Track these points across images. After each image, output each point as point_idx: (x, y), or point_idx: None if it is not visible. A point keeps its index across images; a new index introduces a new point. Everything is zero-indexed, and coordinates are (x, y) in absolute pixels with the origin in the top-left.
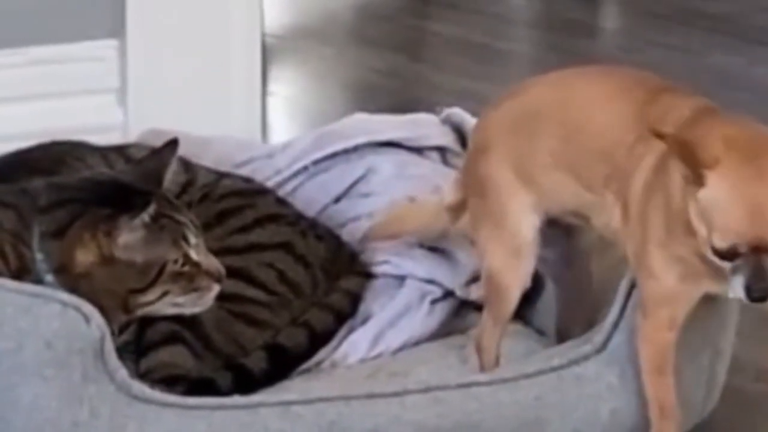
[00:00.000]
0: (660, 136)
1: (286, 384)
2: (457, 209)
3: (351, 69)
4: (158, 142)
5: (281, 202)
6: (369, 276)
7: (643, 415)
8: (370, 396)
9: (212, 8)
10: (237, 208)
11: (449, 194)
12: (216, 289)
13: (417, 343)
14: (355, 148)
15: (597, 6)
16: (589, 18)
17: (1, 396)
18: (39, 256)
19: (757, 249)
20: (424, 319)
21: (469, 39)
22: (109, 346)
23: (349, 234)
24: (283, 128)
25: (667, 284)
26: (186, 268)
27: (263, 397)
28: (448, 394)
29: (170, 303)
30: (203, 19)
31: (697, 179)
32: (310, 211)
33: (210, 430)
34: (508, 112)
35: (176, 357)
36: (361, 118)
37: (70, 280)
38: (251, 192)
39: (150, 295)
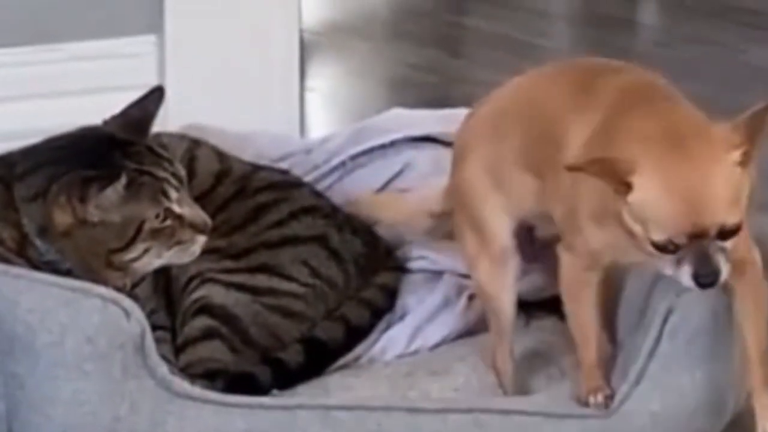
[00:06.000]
0: (575, 169)
1: (325, 380)
2: (441, 218)
3: (388, 64)
4: (197, 137)
5: (317, 194)
6: (404, 271)
7: None
8: (412, 410)
9: (250, 4)
10: (273, 202)
11: (436, 203)
12: (200, 240)
13: (455, 338)
14: (392, 143)
15: (635, 2)
16: (628, 13)
17: (41, 390)
18: (24, 220)
19: (695, 236)
20: (462, 315)
21: (507, 34)
22: (150, 342)
23: (386, 229)
24: (321, 124)
25: (594, 247)
26: (168, 223)
27: (303, 399)
28: (490, 417)
29: (155, 257)
30: (241, 15)
31: (623, 188)
32: (345, 204)
33: (248, 428)
34: (482, 118)
35: (215, 352)
36: (398, 113)
37: (54, 240)
38: (287, 185)
39: (132, 253)
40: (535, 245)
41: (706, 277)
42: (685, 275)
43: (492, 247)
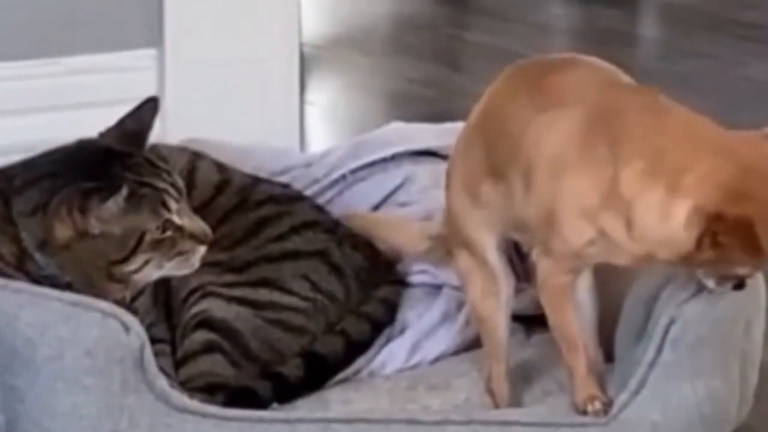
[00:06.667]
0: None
1: (324, 394)
2: (439, 240)
3: (388, 78)
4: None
5: (318, 208)
6: (405, 285)
7: None
8: (412, 422)
9: (251, 17)
10: (275, 215)
11: (434, 226)
12: (201, 250)
13: (454, 353)
14: (393, 157)
15: (636, 15)
16: (628, 27)
17: (40, 404)
18: (23, 234)
19: None
20: (461, 329)
21: (507, 48)
22: (149, 355)
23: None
24: (321, 137)
25: (575, 247)
26: (168, 234)
27: (303, 413)
28: (489, 429)
29: (156, 268)
30: (241, 28)
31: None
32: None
33: None
34: (459, 138)
35: (215, 366)
36: (399, 126)
37: (54, 254)
38: (288, 198)
39: (132, 265)
40: (527, 263)
41: (741, 286)
42: (728, 285)
43: (483, 267)
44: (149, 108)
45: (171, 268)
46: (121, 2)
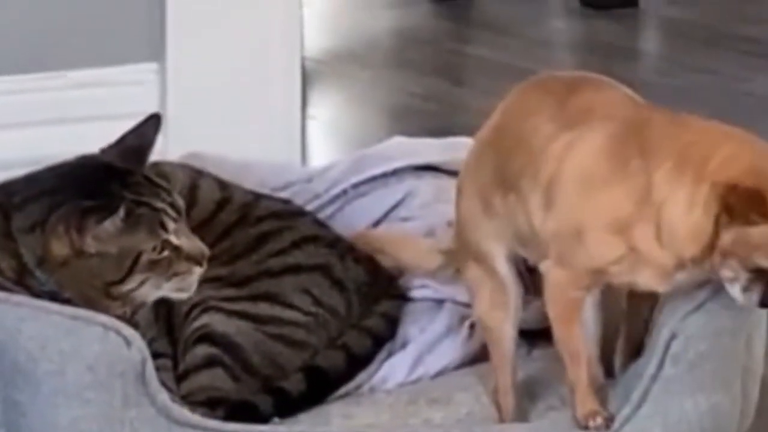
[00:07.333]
0: (731, 188)
1: (326, 409)
2: (450, 255)
3: (390, 93)
4: (198, 166)
5: (320, 224)
6: (406, 299)
7: None
8: None
9: (252, 32)
10: (275, 231)
11: (444, 241)
12: (198, 271)
13: (457, 367)
14: (394, 172)
15: (637, 30)
16: (630, 42)
17: (42, 418)
18: (23, 250)
19: None
20: (463, 344)
21: (509, 63)
22: (150, 370)
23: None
24: (322, 152)
25: (601, 264)
26: (165, 254)
27: (304, 427)
28: None
29: (154, 288)
30: (243, 42)
31: (750, 221)
32: (350, 235)
33: None
34: (472, 151)
35: (216, 380)
36: (400, 141)
37: (52, 271)
38: (289, 213)
39: (129, 285)
40: (534, 275)
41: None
42: (748, 294)
43: (492, 278)
44: (152, 124)
45: (169, 289)
46: (123, 16)
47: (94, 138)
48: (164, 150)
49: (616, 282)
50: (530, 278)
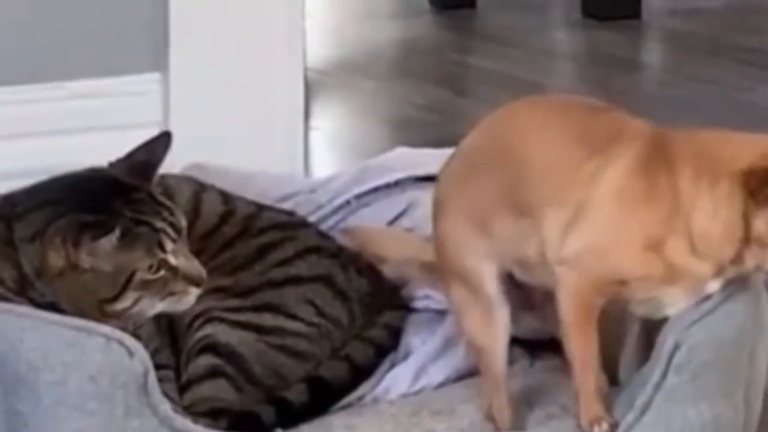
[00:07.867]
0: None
1: (328, 419)
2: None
3: (393, 103)
4: (201, 177)
5: (323, 234)
6: (409, 310)
7: None
8: None
9: (255, 42)
10: (278, 241)
11: (428, 253)
12: (194, 292)
13: (459, 378)
14: (397, 183)
15: (639, 41)
16: (632, 53)
17: (44, 429)
18: (23, 260)
19: None
20: (466, 354)
21: (511, 73)
22: (153, 380)
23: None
24: (325, 163)
25: (631, 277)
26: (161, 273)
27: None
28: None
29: (148, 306)
30: (246, 53)
31: None
32: (341, 231)
33: None
34: (455, 164)
35: (219, 391)
36: (403, 152)
37: (51, 282)
38: (292, 225)
39: (123, 303)
40: (524, 289)
41: None
42: None
43: (479, 297)
44: (162, 142)
45: (164, 307)
46: (126, 26)
47: (96, 149)
48: (167, 160)
49: (638, 297)
50: (521, 293)
